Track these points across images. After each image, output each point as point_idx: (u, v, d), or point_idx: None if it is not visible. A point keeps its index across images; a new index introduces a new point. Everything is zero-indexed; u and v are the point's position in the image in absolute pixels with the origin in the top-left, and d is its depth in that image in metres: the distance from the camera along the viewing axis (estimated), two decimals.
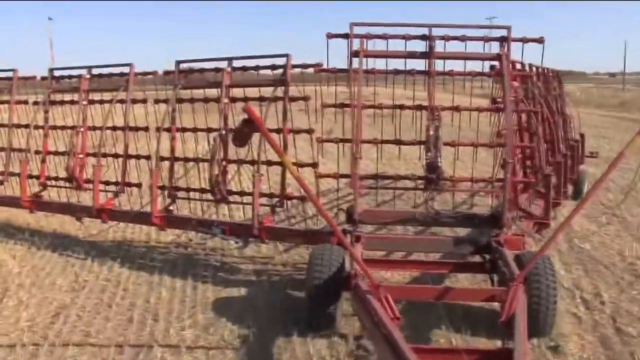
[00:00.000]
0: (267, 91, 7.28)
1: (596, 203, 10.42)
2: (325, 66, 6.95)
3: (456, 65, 6.94)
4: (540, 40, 6.82)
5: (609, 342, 5.38)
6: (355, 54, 6.79)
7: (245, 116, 4.43)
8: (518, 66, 7.84)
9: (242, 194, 7.64)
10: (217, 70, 7.68)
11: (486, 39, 6.76)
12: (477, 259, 6.47)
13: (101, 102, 8.76)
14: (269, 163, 7.23)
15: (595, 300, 6.29)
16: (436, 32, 6.73)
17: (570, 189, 10.74)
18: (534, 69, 9.44)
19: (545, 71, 10.63)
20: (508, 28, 6.67)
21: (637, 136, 4.30)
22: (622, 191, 11.34)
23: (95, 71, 8.82)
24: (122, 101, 8.41)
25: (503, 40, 6.70)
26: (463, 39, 6.75)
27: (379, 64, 7.02)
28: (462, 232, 7.78)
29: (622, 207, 9.99)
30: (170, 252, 8.16)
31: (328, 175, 7.24)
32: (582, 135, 11.98)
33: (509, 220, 6.55)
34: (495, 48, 6.76)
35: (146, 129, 8.33)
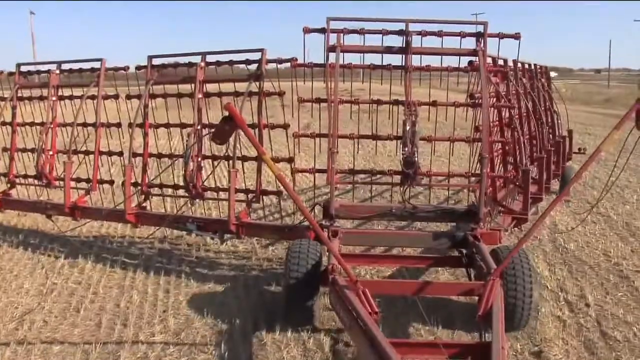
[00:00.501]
0: (242, 86, 7.21)
1: (582, 201, 10.48)
2: (302, 61, 6.90)
3: (433, 61, 6.96)
4: (516, 36, 6.87)
5: (594, 347, 5.23)
6: (332, 48, 6.77)
7: (226, 114, 4.45)
8: (500, 62, 7.89)
9: (217, 189, 7.58)
10: (191, 65, 7.57)
11: (463, 35, 6.78)
12: (454, 253, 6.48)
13: (71, 98, 8.60)
14: (245, 158, 7.18)
15: (580, 302, 6.16)
16: (413, 27, 6.75)
17: (557, 185, 10.89)
18: (519, 65, 9.53)
19: (533, 67, 10.74)
20: (484, 24, 6.72)
21: (615, 131, 4.34)
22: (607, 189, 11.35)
23: (65, 66, 8.65)
24: (93, 97, 8.25)
25: (479, 35, 6.74)
26: (440, 34, 6.77)
27: (356, 59, 7.01)
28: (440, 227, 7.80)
29: (607, 206, 10.02)
30: (144, 251, 8.00)
31: (304, 170, 7.20)
32: (570, 132, 12.05)
33: (485, 214, 6.59)
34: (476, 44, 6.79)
35: (118, 125, 8.19)
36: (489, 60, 7.55)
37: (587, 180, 11.48)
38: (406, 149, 6.57)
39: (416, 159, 6.55)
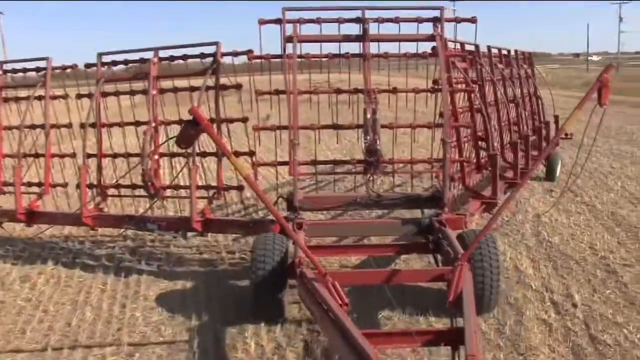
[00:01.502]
0: (197, 82, 7.07)
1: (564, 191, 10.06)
2: (258, 53, 6.80)
3: (392, 48, 6.93)
4: (472, 20, 6.88)
5: (583, 353, 4.90)
6: (288, 39, 6.68)
7: (191, 117, 4.34)
8: (471, 48, 7.90)
9: (177, 187, 7.42)
10: (143, 61, 7.39)
11: (420, 20, 6.77)
12: (420, 239, 6.47)
13: (17, 99, 8.26)
14: (204, 154, 7.05)
15: (567, 302, 5.80)
16: (369, 14, 6.69)
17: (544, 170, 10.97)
18: (495, 51, 9.56)
19: (514, 53, 10.73)
20: (440, 8, 6.71)
21: (577, 111, 4.36)
22: (590, 177, 11.28)
23: (7, 67, 8.32)
24: (40, 98, 7.96)
25: (436, 20, 6.73)
26: (397, 20, 6.74)
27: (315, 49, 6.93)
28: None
29: (592, 194, 9.89)
30: (102, 259, 7.53)
31: (266, 164, 7.11)
32: (556, 117, 11.88)
33: (451, 200, 6.61)
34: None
35: (69, 125, 7.94)
36: (457, 45, 7.56)
37: (569, 168, 11.16)
38: (368, 137, 6.54)
39: (378, 147, 6.52)
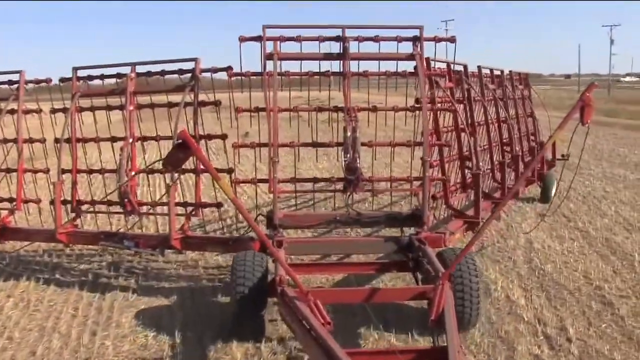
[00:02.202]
0: (174, 98, 7.03)
1: (558, 215, 9.87)
2: (238, 70, 6.79)
3: (371, 66, 6.97)
4: (451, 40, 6.95)
5: None
6: (269, 56, 6.68)
7: (179, 141, 4.28)
8: (459, 68, 7.99)
9: (154, 204, 7.33)
10: (119, 76, 7.31)
11: (399, 39, 6.82)
12: (400, 257, 6.48)
13: None
14: (183, 171, 6.98)
15: (561, 336, 5.50)
16: (350, 33, 6.73)
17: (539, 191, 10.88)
18: (487, 71, 9.59)
19: (508, 74, 10.79)
20: (420, 28, 6.78)
21: (559, 130, 4.42)
22: (584, 201, 11.12)
23: None
24: (12, 111, 7.80)
25: (416, 39, 6.80)
26: (377, 39, 6.79)
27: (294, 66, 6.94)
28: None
29: (585, 220, 9.70)
30: (77, 276, 7.37)
31: (245, 181, 7.07)
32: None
33: (429, 218, 6.63)
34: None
35: (42, 140, 7.78)
36: (443, 65, 7.63)
37: (563, 192, 10.75)
38: (348, 155, 6.55)
39: (358, 164, 6.53)
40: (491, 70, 9.99)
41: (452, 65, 7.68)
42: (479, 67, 8.86)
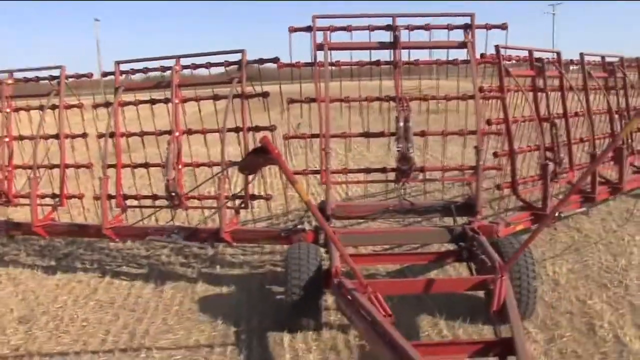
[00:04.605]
0: (219, 90, 7.02)
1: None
2: (289, 61, 6.78)
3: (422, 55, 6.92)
4: (503, 27, 6.84)
5: None
6: (319, 47, 6.65)
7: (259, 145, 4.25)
8: (544, 55, 7.66)
9: (201, 197, 7.34)
10: (163, 69, 7.28)
11: (450, 27, 6.74)
12: (453, 247, 6.42)
13: (28, 109, 8.08)
14: (230, 164, 6.98)
15: None
16: (400, 21, 6.67)
17: None
18: (594, 58, 8.93)
19: (619, 61, 9.63)
20: (471, 15, 6.68)
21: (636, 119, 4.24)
22: (620, 217, 8.71)
23: (19, 75, 8.03)
24: (54, 107, 7.76)
25: (467, 27, 6.71)
26: (427, 27, 6.72)
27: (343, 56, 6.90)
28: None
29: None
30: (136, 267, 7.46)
31: (297, 172, 7.06)
32: None
33: (482, 207, 6.57)
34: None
35: (84, 135, 7.77)
36: (525, 53, 7.47)
37: None
38: (400, 145, 6.50)
39: (411, 154, 6.48)
40: (602, 57, 9.22)
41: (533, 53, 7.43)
42: (581, 54, 8.47)
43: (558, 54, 7.91)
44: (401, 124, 6.50)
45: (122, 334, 5.54)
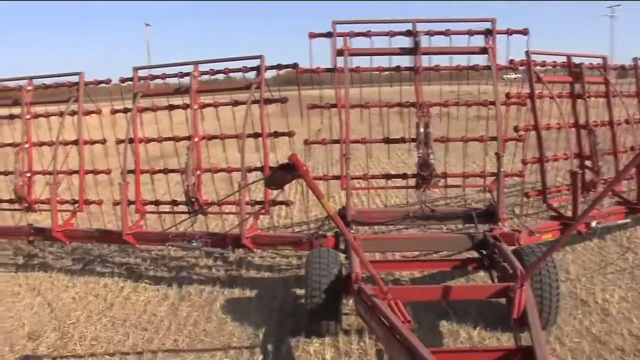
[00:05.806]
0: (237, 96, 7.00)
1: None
2: (309, 67, 6.78)
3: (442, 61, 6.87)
4: (524, 32, 6.78)
5: None
6: (339, 52, 6.65)
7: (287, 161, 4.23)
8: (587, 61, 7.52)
9: (220, 203, 7.34)
10: (182, 75, 7.26)
11: (471, 33, 6.70)
12: (474, 254, 6.37)
13: (47, 115, 8.10)
14: (249, 170, 6.98)
15: None
16: (420, 27, 6.65)
17: None
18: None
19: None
20: (492, 20, 6.65)
21: None
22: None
23: (37, 81, 8.11)
24: (73, 113, 7.79)
25: (488, 32, 6.67)
26: (448, 33, 6.68)
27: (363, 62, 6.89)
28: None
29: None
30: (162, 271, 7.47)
31: (317, 178, 7.05)
32: None
33: (503, 214, 6.51)
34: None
35: (103, 141, 7.81)
36: (563, 59, 7.37)
37: None
38: (420, 151, 6.48)
39: (432, 160, 6.45)
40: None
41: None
42: (635, 59, 8.09)
43: (604, 59, 7.73)
44: (421, 130, 6.48)
45: (128, 357, 5.41)
